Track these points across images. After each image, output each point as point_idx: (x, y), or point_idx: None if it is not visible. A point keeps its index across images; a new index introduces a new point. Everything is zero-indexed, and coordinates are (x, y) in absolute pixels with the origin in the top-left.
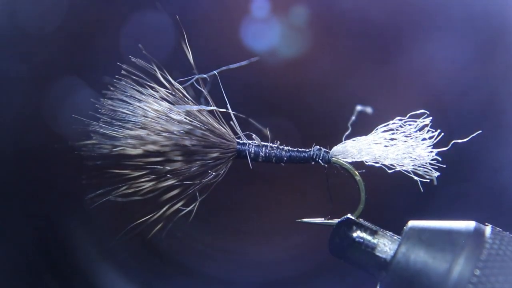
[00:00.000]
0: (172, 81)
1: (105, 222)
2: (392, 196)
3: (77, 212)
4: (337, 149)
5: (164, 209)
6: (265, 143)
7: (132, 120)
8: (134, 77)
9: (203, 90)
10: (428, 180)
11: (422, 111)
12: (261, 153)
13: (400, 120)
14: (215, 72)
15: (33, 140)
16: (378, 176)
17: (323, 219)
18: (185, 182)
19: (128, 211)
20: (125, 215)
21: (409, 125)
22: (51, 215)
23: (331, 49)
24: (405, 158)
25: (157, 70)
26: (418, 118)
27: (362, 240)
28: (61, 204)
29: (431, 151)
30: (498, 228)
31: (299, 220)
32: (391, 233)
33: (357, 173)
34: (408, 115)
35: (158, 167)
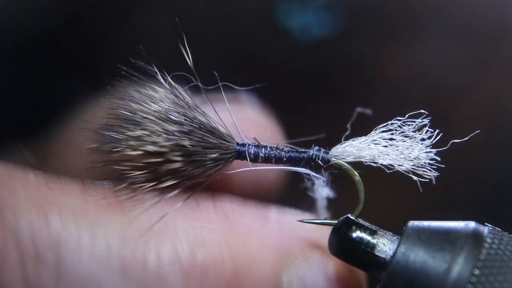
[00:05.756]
0: (172, 82)
1: None
2: (391, 196)
3: None
4: (336, 149)
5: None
6: (265, 144)
7: (132, 121)
8: (134, 78)
9: (203, 93)
10: (427, 180)
11: (421, 111)
12: (260, 154)
13: (399, 120)
14: (214, 72)
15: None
16: (377, 176)
17: (323, 219)
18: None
19: None
20: None
21: (408, 125)
22: None
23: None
24: (404, 158)
25: (157, 71)
26: (417, 118)
27: (361, 240)
28: None
29: (430, 151)
30: (497, 228)
31: (299, 220)
32: (390, 233)
33: (356, 173)
34: (407, 115)
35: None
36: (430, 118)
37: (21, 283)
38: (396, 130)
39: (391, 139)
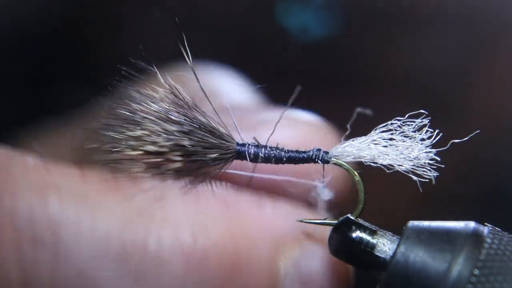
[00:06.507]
0: (172, 82)
1: None
2: (391, 196)
3: None
4: (336, 149)
5: None
6: (265, 144)
7: (132, 121)
8: (134, 78)
9: (203, 93)
10: (427, 180)
11: (421, 111)
12: (260, 153)
13: (399, 120)
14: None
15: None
16: (377, 176)
17: (323, 219)
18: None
19: None
20: None
21: (408, 125)
22: None
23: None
24: (404, 158)
25: (157, 71)
26: (417, 118)
27: (361, 240)
28: None
29: (430, 151)
30: (497, 228)
31: (299, 220)
32: (390, 233)
33: (356, 174)
34: (407, 115)
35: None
36: (430, 118)
37: (16, 263)
38: (396, 130)
39: (391, 139)
